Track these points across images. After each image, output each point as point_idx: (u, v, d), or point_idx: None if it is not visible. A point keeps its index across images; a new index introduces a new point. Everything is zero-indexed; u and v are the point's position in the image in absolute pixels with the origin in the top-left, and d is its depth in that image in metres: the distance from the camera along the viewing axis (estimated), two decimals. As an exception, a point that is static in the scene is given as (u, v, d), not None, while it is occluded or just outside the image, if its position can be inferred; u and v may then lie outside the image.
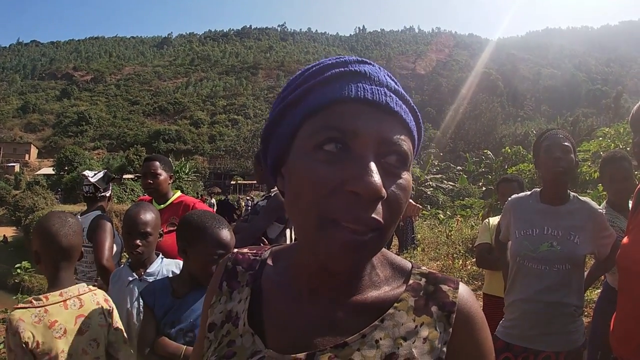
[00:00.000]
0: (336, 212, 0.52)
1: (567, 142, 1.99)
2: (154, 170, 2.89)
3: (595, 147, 7.45)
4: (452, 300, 0.61)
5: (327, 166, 0.53)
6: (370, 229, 0.52)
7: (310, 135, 0.55)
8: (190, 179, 35.27)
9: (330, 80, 0.57)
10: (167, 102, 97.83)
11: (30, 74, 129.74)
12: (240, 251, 0.76)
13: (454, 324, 0.60)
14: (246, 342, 0.63)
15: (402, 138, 0.56)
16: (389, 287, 0.64)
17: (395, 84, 0.59)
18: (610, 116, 34.79)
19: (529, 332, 1.93)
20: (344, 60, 0.59)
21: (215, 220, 1.66)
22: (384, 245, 0.57)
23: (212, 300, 0.72)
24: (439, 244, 9.72)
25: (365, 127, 0.54)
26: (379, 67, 0.60)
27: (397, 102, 0.57)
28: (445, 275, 0.65)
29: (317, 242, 0.54)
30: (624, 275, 1.62)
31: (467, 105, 58.14)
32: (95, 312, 1.67)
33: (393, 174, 0.55)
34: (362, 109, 0.55)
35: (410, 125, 0.58)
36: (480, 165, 27.15)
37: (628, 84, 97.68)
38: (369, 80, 0.57)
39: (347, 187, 0.51)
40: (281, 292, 0.66)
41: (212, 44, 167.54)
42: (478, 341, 0.62)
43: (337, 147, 0.54)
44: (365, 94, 0.55)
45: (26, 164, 59.71)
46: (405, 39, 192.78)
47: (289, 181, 0.58)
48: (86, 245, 2.87)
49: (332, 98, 0.55)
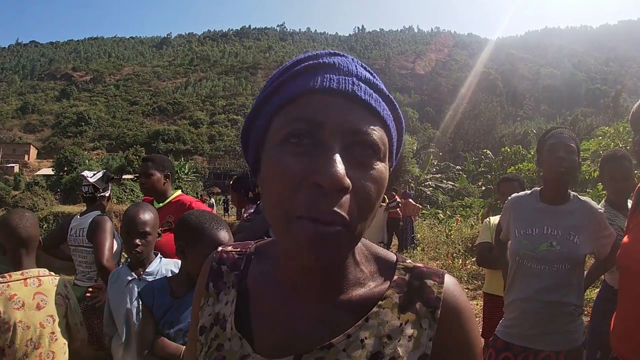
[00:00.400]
0: (301, 208, 0.51)
1: (571, 142, 1.98)
2: (146, 171, 2.90)
3: (594, 146, 7.45)
4: (437, 296, 0.61)
5: (294, 158, 0.53)
6: (334, 221, 0.51)
7: (279, 128, 0.55)
8: (189, 179, 35.27)
9: (301, 73, 0.57)
10: (166, 102, 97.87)
11: (30, 75, 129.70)
12: (224, 249, 0.74)
13: (439, 319, 0.60)
14: (234, 346, 0.63)
15: (372, 127, 0.54)
16: (374, 283, 0.63)
17: (370, 74, 0.58)
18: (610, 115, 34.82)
19: (528, 331, 1.93)
20: (315, 54, 0.59)
21: (213, 221, 1.66)
22: (357, 239, 0.55)
23: (200, 303, 0.71)
24: (439, 244, 9.74)
25: (331, 117, 0.53)
26: (352, 58, 0.59)
27: (366, 91, 0.55)
28: (431, 268, 0.65)
29: (285, 239, 0.54)
30: (624, 274, 1.62)
31: (466, 104, 58.23)
32: (53, 292, 1.96)
33: (362, 165, 0.53)
34: (329, 99, 0.54)
35: (383, 114, 0.57)
36: (480, 165, 27.18)
37: (627, 83, 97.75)
38: (337, 70, 0.56)
39: (311, 178, 0.51)
40: (267, 292, 0.66)
41: (211, 44, 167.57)
42: (464, 334, 0.61)
43: (304, 139, 0.53)
44: (331, 83, 0.54)
45: (25, 165, 59.72)
46: (404, 39, 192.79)
47: (262, 176, 0.58)
48: (86, 246, 2.87)
49: (300, 90, 0.55)
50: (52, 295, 1.94)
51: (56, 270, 7.26)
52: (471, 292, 6.17)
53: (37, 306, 1.88)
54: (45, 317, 1.89)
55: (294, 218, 0.52)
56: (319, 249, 0.51)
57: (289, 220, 0.52)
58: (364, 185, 0.53)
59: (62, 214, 20.12)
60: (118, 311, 2.01)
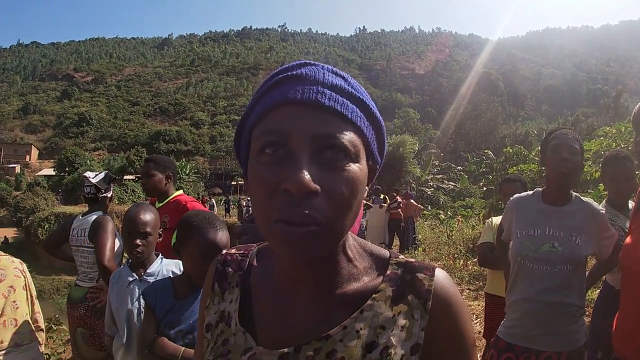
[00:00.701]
0: (277, 213, 0.55)
1: (575, 143, 1.98)
2: (147, 172, 2.91)
3: (596, 146, 7.43)
4: (427, 288, 0.63)
5: (268, 168, 0.56)
6: (306, 223, 0.54)
7: (256, 140, 0.59)
8: (190, 179, 35.27)
9: (273, 86, 0.60)
10: (167, 102, 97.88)
11: (31, 75, 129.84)
12: (228, 252, 0.78)
13: (430, 310, 0.62)
14: (239, 340, 0.67)
15: (340, 131, 0.57)
16: (368, 278, 0.66)
17: (342, 79, 0.61)
18: (611, 115, 34.77)
19: (530, 332, 1.93)
20: (286, 67, 0.62)
21: (206, 221, 1.65)
22: (336, 237, 0.58)
23: (206, 302, 0.75)
24: (440, 244, 9.73)
25: (295, 126, 0.56)
26: (322, 66, 0.62)
27: (330, 97, 0.58)
28: (423, 262, 0.68)
29: (269, 240, 0.58)
30: (626, 275, 1.62)
31: (467, 105, 58.15)
32: (11, 266, 2.13)
33: (333, 167, 0.56)
34: (294, 110, 0.57)
35: (352, 117, 0.59)
36: (481, 166, 27.16)
37: (628, 83, 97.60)
38: (304, 81, 0.59)
39: (281, 186, 0.54)
40: (268, 289, 0.69)
41: (212, 44, 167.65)
42: (455, 324, 0.64)
43: (276, 150, 0.56)
44: (295, 95, 0.57)
45: (27, 165, 59.75)
46: (405, 39, 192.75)
47: (248, 183, 0.61)
48: (87, 246, 2.87)
49: (270, 103, 0.59)
50: (11, 270, 2.12)
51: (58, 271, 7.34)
52: (473, 292, 6.16)
53: None
54: (6, 288, 2.07)
55: (272, 222, 0.55)
56: (297, 248, 0.55)
57: (269, 224, 0.56)
58: (334, 186, 0.55)
59: (63, 214, 20.18)
60: (119, 312, 2.01)
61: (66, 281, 16.09)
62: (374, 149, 0.63)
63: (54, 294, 15.98)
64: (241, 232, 2.72)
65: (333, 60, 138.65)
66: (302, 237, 0.54)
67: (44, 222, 20.72)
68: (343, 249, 0.66)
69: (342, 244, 0.65)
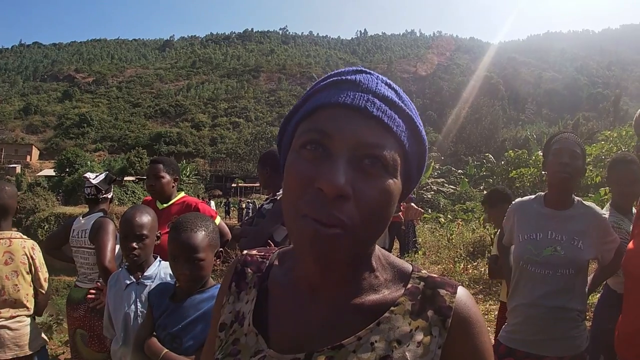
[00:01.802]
0: (306, 207, 0.56)
1: (576, 147, 1.97)
2: (157, 173, 2.90)
3: (597, 150, 7.42)
4: (448, 304, 0.62)
5: (306, 163, 0.57)
6: (332, 224, 0.54)
7: (299, 136, 0.60)
8: (191, 181, 35.30)
9: (325, 88, 0.62)
10: (168, 104, 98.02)
11: (32, 76, 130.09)
12: (249, 253, 0.78)
13: (450, 327, 0.61)
14: (250, 341, 0.66)
15: (381, 142, 0.57)
16: (388, 291, 0.65)
17: (392, 92, 0.61)
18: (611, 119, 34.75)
19: (532, 337, 1.92)
20: (340, 71, 0.63)
21: (180, 223, 1.62)
22: (360, 245, 0.59)
23: (222, 301, 0.75)
24: (440, 248, 9.70)
25: (339, 129, 0.57)
26: (377, 76, 0.62)
27: (379, 107, 0.58)
28: (445, 279, 0.66)
29: (293, 234, 0.59)
30: (629, 280, 1.62)
31: (468, 108, 58.19)
32: (19, 252, 2.44)
33: (369, 175, 0.56)
34: (341, 112, 0.58)
35: (397, 131, 0.59)
36: (482, 169, 27.11)
37: (629, 87, 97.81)
38: (356, 87, 0.60)
39: (315, 183, 0.55)
40: (285, 293, 0.69)
41: (213, 46, 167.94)
42: (475, 345, 0.62)
43: (317, 147, 0.57)
44: (345, 99, 0.58)
45: (27, 166, 59.79)
46: (406, 43, 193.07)
47: (284, 175, 0.62)
48: (88, 247, 2.87)
49: (319, 103, 0.60)
50: (19, 255, 2.44)
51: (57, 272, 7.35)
52: (473, 296, 6.14)
53: (5, 262, 2.41)
54: (10, 271, 2.40)
55: (300, 216, 0.56)
56: (318, 247, 0.55)
57: (297, 217, 0.57)
58: (367, 194, 0.56)
59: (63, 215, 20.13)
60: (116, 315, 2.01)
61: (65, 282, 16.06)
62: (412, 167, 0.63)
63: (54, 295, 15.96)
64: (239, 234, 2.71)
65: (334, 63, 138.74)
66: (326, 238, 0.55)
67: (44, 222, 20.67)
68: (367, 259, 0.65)
69: (368, 254, 0.65)
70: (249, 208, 23.05)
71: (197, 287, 1.61)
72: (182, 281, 1.61)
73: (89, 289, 2.81)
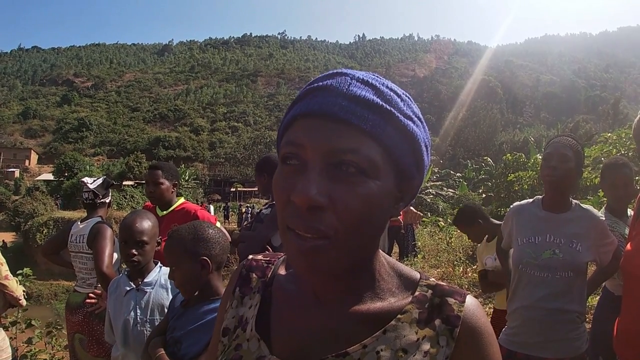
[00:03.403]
0: (289, 220, 0.56)
1: (568, 150, 1.98)
2: (156, 180, 2.90)
3: (596, 152, 7.43)
4: (457, 314, 0.60)
5: (285, 178, 0.57)
6: (312, 235, 0.54)
7: (281, 150, 0.59)
8: (190, 186, 35.23)
9: (303, 97, 0.60)
10: (167, 109, 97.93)
11: (31, 80, 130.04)
12: (254, 258, 0.77)
13: (458, 338, 0.59)
14: (252, 347, 0.65)
15: (353, 146, 0.54)
16: (395, 299, 0.63)
17: (369, 89, 0.58)
18: (610, 122, 34.84)
19: (531, 339, 1.92)
20: (318, 77, 0.61)
21: (180, 230, 1.67)
22: (348, 252, 0.56)
23: (226, 305, 0.74)
24: (440, 251, 9.70)
25: (311, 139, 0.55)
26: (353, 75, 0.59)
27: (347, 109, 0.55)
28: (454, 287, 0.64)
29: (284, 247, 0.59)
30: (628, 281, 1.62)
31: (466, 112, 58.30)
32: None
33: (347, 182, 0.54)
34: (313, 121, 0.56)
35: (372, 130, 0.55)
36: (480, 172, 27.18)
37: (627, 89, 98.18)
38: (327, 92, 0.57)
39: (291, 197, 0.55)
40: (289, 299, 0.68)
41: (212, 51, 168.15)
42: (483, 357, 0.60)
43: (294, 160, 0.57)
44: (314, 106, 0.57)
45: (26, 170, 59.71)
46: (404, 47, 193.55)
47: None
48: (86, 252, 2.86)
49: (295, 114, 0.59)
50: None
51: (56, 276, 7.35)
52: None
53: None
54: None
55: (286, 228, 0.57)
56: (303, 260, 0.55)
57: (283, 230, 0.57)
58: (345, 202, 0.54)
59: (62, 219, 20.11)
60: (116, 321, 2.00)
61: (64, 286, 16.04)
62: (405, 164, 0.59)
63: (52, 299, 15.91)
64: (238, 239, 2.71)
65: (332, 68, 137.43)
66: (309, 250, 0.54)
67: (42, 227, 20.65)
68: (371, 265, 0.63)
69: (369, 261, 0.63)
70: (248, 212, 23.02)
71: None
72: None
73: (88, 294, 2.81)
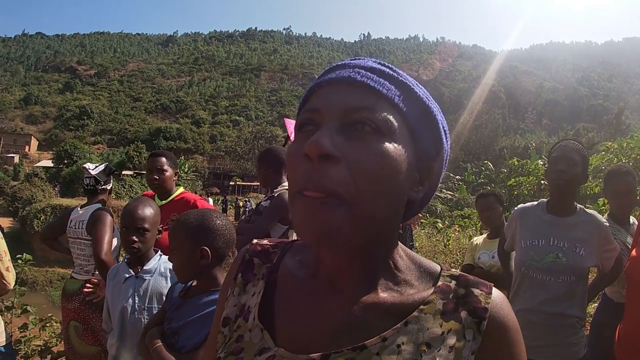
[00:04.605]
0: (298, 184, 0.54)
1: (575, 154, 1.98)
2: (160, 166, 2.88)
3: (597, 161, 7.43)
4: (484, 306, 0.56)
5: (299, 145, 0.56)
6: (325, 192, 0.51)
7: (297, 120, 0.60)
8: (189, 178, 35.20)
9: (321, 76, 0.61)
10: (169, 100, 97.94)
11: (34, 66, 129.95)
12: (259, 242, 0.73)
13: (485, 332, 0.55)
14: (254, 338, 0.61)
15: (368, 105, 0.55)
16: (415, 290, 0.59)
17: (383, 66, 0.59)
18: (612, 132, 34.86)
19: (531, 342, 1.91)
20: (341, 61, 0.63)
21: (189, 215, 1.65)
22: (360, 214, 0.52)
23: (227, 293, 0.69)
24: (437, 253, 9.71)
25: (327, 102, 0.56)
26: (369, 59, 0.61)
27: (364, 75, 0.57)
28: (478, 278, 0.61)
29: (292, 218, 0.56)
30: (632, 287, 1.61)
31: (468, 115, 58.30)
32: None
33: (361, 139, 0.53)
34: (329, 88, 0.57)
35: (388, 94, 0.56)
36: (480, 176, 27.15)
37: (630, 100, 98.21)
38: (344, 66, 0.59)
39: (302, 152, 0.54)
40: (298, 286, 0.64)
41: (216, 44, 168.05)
42: (511, 354, 0.56)
43: (309, 127, 0.57)
44: (331, 76, 0.58)
45: (26, 156, 59.69)
46: (409, 48, 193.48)
47: None
48: (85, 238, 2.84)
49: (311, 88, 0.60)
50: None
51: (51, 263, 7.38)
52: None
53: None
54: None
55: (294, 194, 0.54)
56: (315, 220, 0.52)
57: (292, 197, 0.55)
58: (359, 157, 0.52)
59: (60, 206, 20.05)
60: (114, 308, 1.99)
61: (60, 273, 16.00)
62: (422, 140, 0.59)
63: (47, 286, 15.90)
64: (237, 231, 2.70)
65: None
66: (319, 210, 0.51)
67: (40, 213, 20.58)
68: (389, 254, 0.60)
69: (387, 248, 0.61)
70: (246, 206, 23.00)
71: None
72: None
73: (85, 282, 2.79)
